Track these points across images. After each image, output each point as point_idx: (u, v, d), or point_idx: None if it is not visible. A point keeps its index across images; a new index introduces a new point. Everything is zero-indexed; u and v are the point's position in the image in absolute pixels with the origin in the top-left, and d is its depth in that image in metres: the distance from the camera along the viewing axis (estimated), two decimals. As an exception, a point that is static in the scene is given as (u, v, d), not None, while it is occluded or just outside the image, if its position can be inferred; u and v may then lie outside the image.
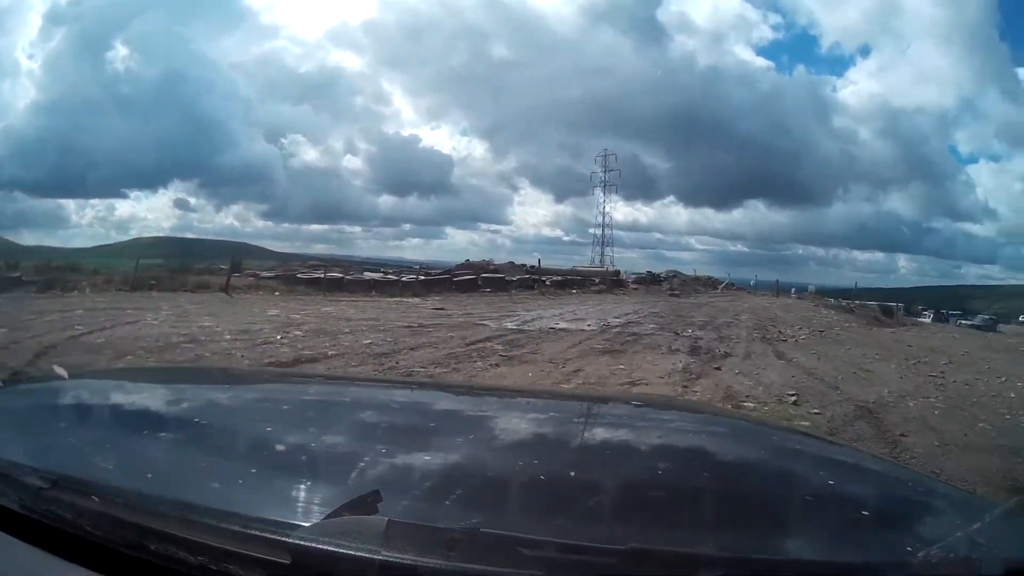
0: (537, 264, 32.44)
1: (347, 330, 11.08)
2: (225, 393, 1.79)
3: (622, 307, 20.67)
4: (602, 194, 63.92)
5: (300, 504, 0.91)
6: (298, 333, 10.26)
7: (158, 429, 1.26)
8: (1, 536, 0.84)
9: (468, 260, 37.30)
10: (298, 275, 23.70)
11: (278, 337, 9.52)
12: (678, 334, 13.01)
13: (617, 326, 14.08)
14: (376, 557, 0.70)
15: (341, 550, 0.71)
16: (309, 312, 13.81)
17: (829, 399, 7.31)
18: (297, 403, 1.72)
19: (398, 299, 19.95)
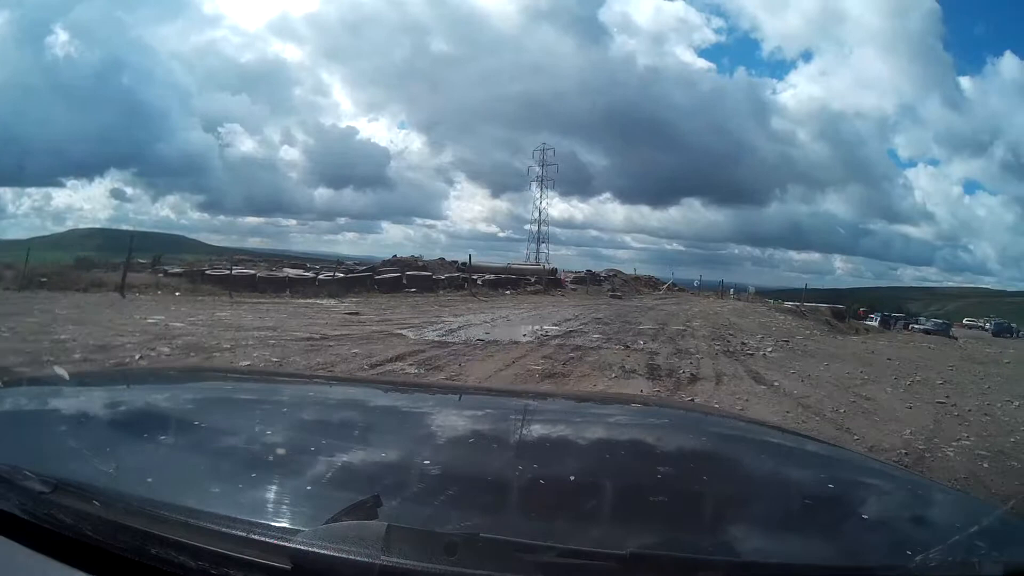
0: (468, 261, 29.50)
1: (228, 345, 9.14)
2: (226, 395, 1.81)
3: (561, 311, 19.11)
4: (539, 189, 63.73)
5: (300, 508, 0.90)
6: (165, 350, 8.55)
7: (159, 432, 1.25)
8: (1, 540, 0.85)
9: (396, 256, 35.76)
10: (207, 272, 22.17)
11: (136, 357, 7.75)
12: (629, 347, 11.51)
13: (557, 337, 12.44)
14: (376, 562, 0.71)
15: (341, 555, 0.72)
16: (199, 319, 11.89)
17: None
18: (298, 405, 1.74)
19: (311, 301, 18.06)
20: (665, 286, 44.59)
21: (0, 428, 1.29)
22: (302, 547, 0.74)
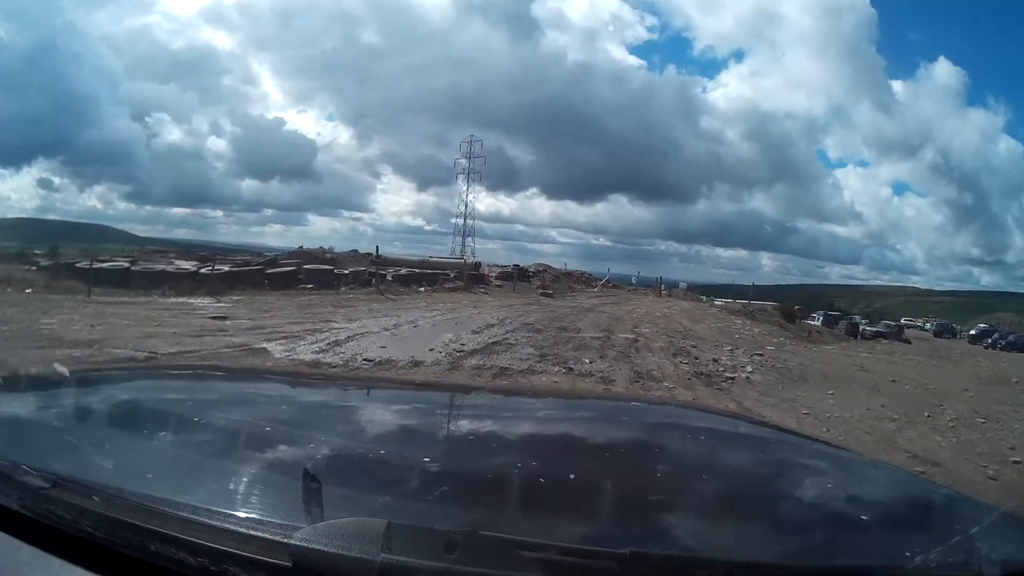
0: (375, 253, 29.44)
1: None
2: (226, 393, 1.94)
3: (483, 314, 17.32)
4: (465, 182, 65.49)
5: (300, 505, 0.93)
6: None
7: (158, 429, 1.35)
8: (1, 536, 0.91)
9: (302, 247, 34.77)
10: (76, 265, 21.22)
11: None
12: (572, 370, 9.75)
13: (476, 352, 10.49)
14: (376, 559, 0.75)
15: (341, 552, 0.76)
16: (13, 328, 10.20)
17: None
18: (298, 404, 1.88)
19: (184, 300, 16.48)
20: (600, 283, 41.81)
21: (0, 425, 1.35)
22: (302, 544, 0.77)
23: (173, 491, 0.94)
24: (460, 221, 65.67)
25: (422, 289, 24.47)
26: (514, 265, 40.19)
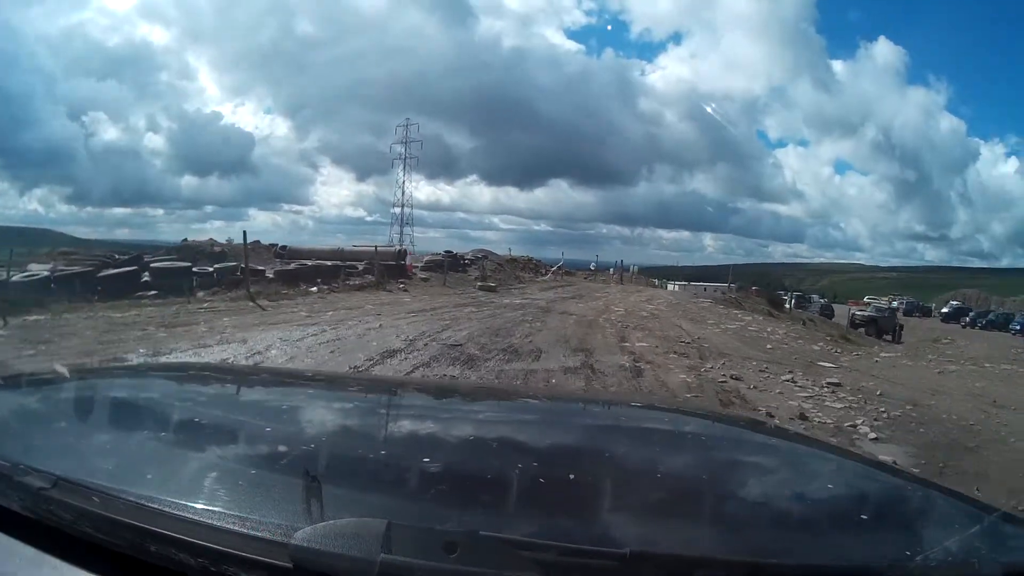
0: (242, 241, 21.38)
1: None
2: (226, 393, 1.95)
3: (387, 329, 11.18)
4: (402, 168, 62.69)
5: (300, 506, 0.95)
6: None
7: (158, 429, 1.36)
8: (1, 537, 0.91)
9: (187, 240, 29.50)
10: None
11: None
12: None
13: None
14: (376, 559, 0.75)
15: (341, 552, 0.76)
16: None
17: None
18: (297, 403, 1.86)
19: None
20: (552, 270, 35.70)
21: (0, 425, 1.35)
22: (302, 544, 0.77)
23: (173, 491, 0.94)
24: (398, 210, 64.11)
25: (314, 289, 17.74)
26: (445, 252, 31.92)
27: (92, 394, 1.63)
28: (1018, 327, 50.96)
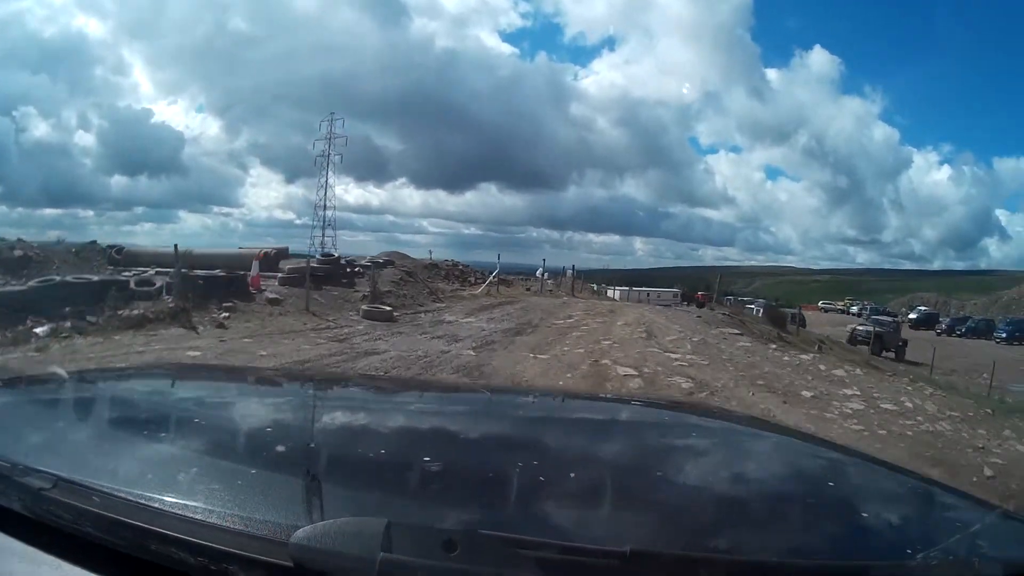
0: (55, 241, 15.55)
1: None
2: (226, 393, 1.92)
3: None
4: (325, 165, 55.08)
5: (300, 505, 0.97)
6: None
7: (158, 429, 1.35)
8: (1, 537, 0.91)
9: None
10: None
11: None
12: None
13: None
14: (375, 559, 0.75)
15: (341, 551, 0.77)
16: None
17: None
18: (297, 402, 1.89)
19: None
20: (488, 279, 27.23)
21: (0, 425, 1.35)
22: (302, 543, 0.77)
23: (173, 491, 0.95)
24: (327, 212, 58.34)
25: (40, 331, 9.32)
26: (322, 255, 23.33)
27: (92, 394, 1.62)
28: (1004, 335, 48.13)
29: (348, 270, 19.68)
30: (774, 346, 14.88)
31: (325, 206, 56.72)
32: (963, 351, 32.61)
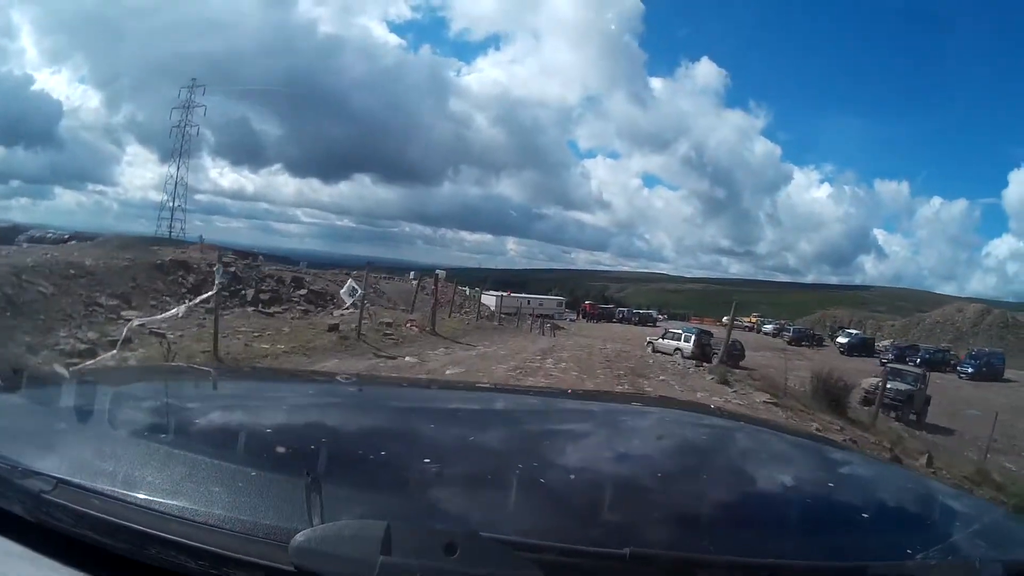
0: None
1: None
2: (226, 394, 1.93)
3: None
4: (180, 137, 52.75)
5: (300, 508, 0.94)
6: None
7: (159, 431, 1.35)
8: (1, 540, 0.91)
9: None
10: None
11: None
12: None
13: None
14: (376, 561, 0.76)
15: (341, 554, 0.78)
16: None
17: None
18: (297, 404, 1.87)
19: None
20: (354, 298, 15.38)
21: (0, 427, 1.34)
22: (302, 546, 0.79)
23: (173, 494, 0.95)
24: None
25: None
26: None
27: (92, 396, 1.59)
28: (970, 369, 42.30)
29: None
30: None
31: (176, 184, 52.85)
32: (951, 395, 26.89)
